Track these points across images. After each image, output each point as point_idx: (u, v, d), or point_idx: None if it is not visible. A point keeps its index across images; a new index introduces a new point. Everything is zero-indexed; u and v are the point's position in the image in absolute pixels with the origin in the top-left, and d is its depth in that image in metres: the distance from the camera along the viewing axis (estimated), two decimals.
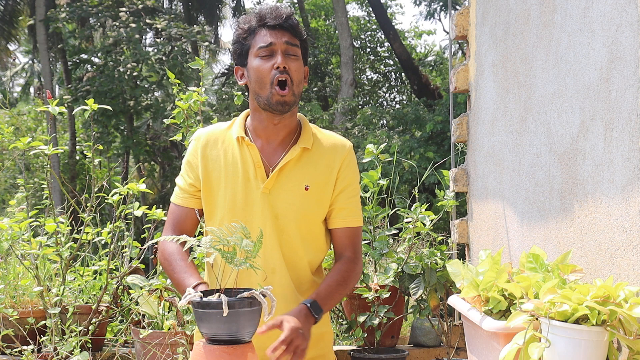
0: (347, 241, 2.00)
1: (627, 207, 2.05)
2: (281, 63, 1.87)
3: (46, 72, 16.34)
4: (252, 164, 1.93)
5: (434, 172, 4.61)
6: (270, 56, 1.89)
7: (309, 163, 1.96)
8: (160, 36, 16.36)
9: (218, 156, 1.97)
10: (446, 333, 3.23)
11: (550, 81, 2.58)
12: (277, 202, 1.92)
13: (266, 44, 1.89)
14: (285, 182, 1.93)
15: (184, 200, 2.00)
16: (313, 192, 1.94)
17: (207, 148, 1.98)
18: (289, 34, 1.92)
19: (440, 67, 18.88)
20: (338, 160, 1.98)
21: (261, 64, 1.89)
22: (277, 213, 1.92)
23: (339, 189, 1.98)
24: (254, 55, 1.91)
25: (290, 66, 1.89)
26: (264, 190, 1.92)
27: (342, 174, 1.98)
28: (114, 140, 16.46)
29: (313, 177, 1.95)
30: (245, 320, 1.51)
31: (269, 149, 1.96)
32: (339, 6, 14.63)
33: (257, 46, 1.90)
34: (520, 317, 1.49)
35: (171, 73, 3.23)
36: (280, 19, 1.91)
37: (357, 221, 2.02)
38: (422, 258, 3.14)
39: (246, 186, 1.92)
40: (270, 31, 1.90)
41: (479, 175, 3.39)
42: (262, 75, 1.89)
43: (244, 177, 1.93)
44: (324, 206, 1.97)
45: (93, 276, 3.39)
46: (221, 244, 1.55)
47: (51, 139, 3.02)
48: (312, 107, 13.91)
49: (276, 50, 1.89)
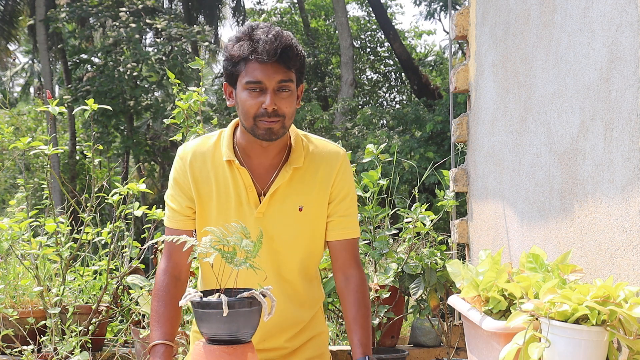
0: (348, 255, 1.95)
1: (627, 207, 2.05)
2: (269, 105, 1.76)
3: (46, 72, 16.35)
4: (244, 187, 1.87)
5: (434, 172, 4.61)
6: (260, 92, 1.77)
7: (302, 182, 1.90)
8: (160, 36, 16.36)
9: (208, 178, 1.89)
10: (446, 333, 3.23)
11: (550, 81, 2.58)
12: (271, 225, 1.88)
13: (256, 79, 1.76)
14: (278, 205, 1.88)
15: (181, 223, 1.93)
16: (307, 212, 1.90)
17: (195, 168, 1.90)
18: (283, 68, 1.77)
19: (440, 67, 18.88)
20: (332, 172, 1.92)
21: (249, 99, 1.78)
22: (272, 235, 1.88)
23: (335, 199, 1.93)
24: (242, 86, 1.79)
25: (280, 105, 1.78)
26: (257, 215, 1.87)
27: (337, 185, 1.93)
28: (114, 140, 16.47)
29: (306, 196, 1.90)
30: (245, 320, 1.52)
31: (260, 169, 1.89)
32: (339, 6, 14.64)
33: (245, 79, 1.77)
34: (520, 317, 1.49)
35: (171, 73, 3.24)
36: (274, 55, 1.74)
37: (355, 232, 1.97)
38: (422, 258, 3.14)
39: (239, 211, 1.87)
40: (261, 66, 1.76)
41: (479, 175, 3.39)
42: (248, 110, 1.78)
43: (237, 201, 1.88)
44: (321, 222, 1.94)
45: (93, 276, 3.39)
46: (221, 244, 1.55)
47: (51, 139, 3.02)
48: (312, 107, 13.91)
49: (266, 88, 1.77)
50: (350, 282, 1.93)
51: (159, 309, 1.85)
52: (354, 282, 1.93)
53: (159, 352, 1.78)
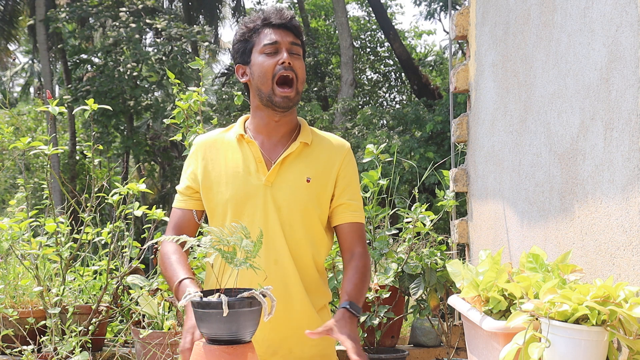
0: (356, 236, 2.00)
1: (627, 207, 2.05)
2: (287, 59, 1.91)
3: (46, 72, 16.35)
4: (253, 159, 1.95)
5: (434, 172, 4.61)
6: (275, 53, 1.93)
7: (310, 156, 1.98)
8: (160, 36, 16.36)
9: (218, 157, 1.99)
10: (446, 333, 3.23)
11: (550, 81, 2.58)
12: (279, 195, 1.93)
13: (272, 41, 1.93)
14: (287, 175, 1.95)
15: (183, 203, 2.02)
16: (314, 184, 1.95)
17: (207, 151, 2.01)
18: (292, 34, 1.97)
19: (440, 67, 18.88)
20: (338, 158, 2.00)
21: (265, 60, 1.93)
22: (280, 205, 1.93)
23: (341, 186, 1.99)
24: (259, 52, 1.95)
25: (294, 64, 1.93)
26: (266, 182, 1.93)
27: (343, 172, 2.00)
28: (114, 140, 16.47)
29: (314, 170, 1.97)
30: (245, 320, 1.51)
31: (269, 144, 1.99)
32: (339, 6, 14.64)
33: (262, 43, 1.94)
34: (520, 317, 1.49)
35: (171, 73, 3.23)
36: (285, 19, 1.96)
37: (362, 217, 2.03)
38: (422, 258, 3.14)
39: (247, 180, 1.94)
40: (275, 30, 1.95)
41: (479, 175, 3.39)
42: (266, 70, 1.92)
43: (245, 171, 1.95)
44: (324, 202, 1.98)
45: (93, 276, 3.39)
46: (221, 244, 1.54)
47: (51, 139, 3.02)
48: (312, 107, 13.91)
49: (281, 48, 1.93)
50: (354, 257, 1.98)
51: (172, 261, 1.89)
52: (357, 256, 1.98)
53: (189, 284, 1.79)
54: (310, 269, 1.99)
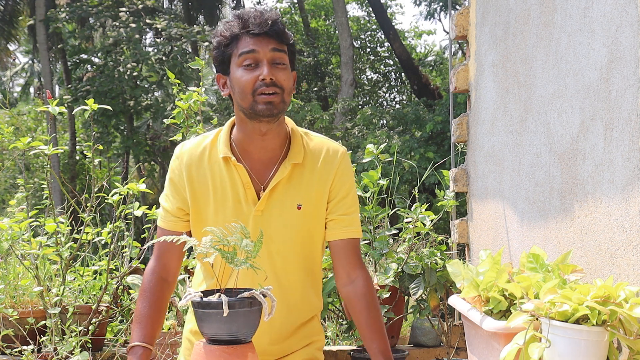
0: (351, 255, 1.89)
1: (627, 207, 2.05)
2: (267, 75, 1.73)
3: (46, 72, 16.36)
4: (242, 185, 1.83)
5: (434, 172, 4.61)
6: (255, 67, 1.75)
7: (301, 179, 1.86)
8: (160, 36, 16.36)
9: (205, 177, 1.86)
10: (446, 333, 3.23)
11: (550, 81, 2.58)
12: (269, 224, 1.83)
13: (249, 49, 1.74)
14: (277, 203, 1.84)
15: (172, 224, 1.90)
16: (306, 210, 1.85)
17: (191, 168, 1.86)
18: (275, 40, 1.76)
19: (440, 67, 18.89)
20: (332, 171, 1.88)
21: (244, 74, 1.75)
22: (270, 235, 1.83)
23: (335, 198, 1.88)
24: (237, 64, 1.76)
25: (278, 77, 1.75)
26: (256, 212, 1.83)
27: (337, 184, 1.88)
28: (114, 140, 16.47)
29: (305, 194, 1.85)
30: (245, 320, 1.51)
31: (258, 166, 1.85)
32: (339, 6, 14.64)
33: (239, 53, 1.75)
34: (520, 317, 1.49)
35: (171, 73, 3.24)
36: (265, 26, 1.75)
37: (357, 232, 1.91)
38: (422, 258, 3.13)
39: (237, 209, 1.83)
40: (254, 39, 1.75)
41: (479, 175, 3.39)
42: (245, 86, 1.75)
43: (234, 199, 1.83)
44: (319, 223, 1.89)
45: (93, 276, 3.39)
46: (221, 244, 1.54)
47: (51, 139, 3.02)
48: (312, 107, 13.90)
49: (261, 59, 1.75)
50: (356, 285, 1.88)
51: (142, 309, 1.82)
52: (360, 284, 1.87)
53: (137, 353, 1.75)
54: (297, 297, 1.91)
